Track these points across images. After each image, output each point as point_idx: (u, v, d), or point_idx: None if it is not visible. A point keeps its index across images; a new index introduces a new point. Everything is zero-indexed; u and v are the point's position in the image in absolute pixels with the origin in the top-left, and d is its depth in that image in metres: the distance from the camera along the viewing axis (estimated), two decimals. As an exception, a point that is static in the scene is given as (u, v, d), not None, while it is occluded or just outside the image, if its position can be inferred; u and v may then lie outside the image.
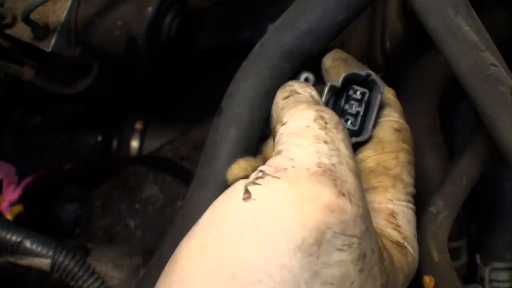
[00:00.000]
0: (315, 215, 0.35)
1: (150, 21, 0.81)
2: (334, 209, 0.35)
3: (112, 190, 1.17)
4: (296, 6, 0.56)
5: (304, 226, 0.34)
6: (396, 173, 0.51)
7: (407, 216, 0.51)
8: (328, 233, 0.35)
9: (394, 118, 0.53)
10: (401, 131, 0.53)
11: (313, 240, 0.34)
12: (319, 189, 0.36)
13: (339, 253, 0.35)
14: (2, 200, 1.01)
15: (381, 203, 0.50)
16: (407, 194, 0.51)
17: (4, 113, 1.15)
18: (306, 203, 0.35)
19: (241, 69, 0.57)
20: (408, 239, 0.49)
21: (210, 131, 0.57)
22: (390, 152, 0.51)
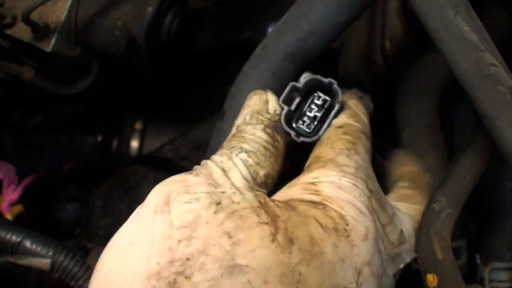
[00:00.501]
0: (162, 188, 0.46)
1: (150, 21, 0.81)
2: (176, 180, 0.46)
3: (112, 190, 1.17)
4: (297, 7, 0.56)
5: (156, 196, 0.45)
6: (328, 158, 0.51)
7: (338, 184, 0.48)
8: (173, 195, 0.44)
9: (340, 119, 0.55)
10: (343, 127, 0.54)
11: (162, 202, 0.44)
12: (171, 177, 0.47)
13: (188, 205, 0.43)
14: (2, 200, 1.01)
15: (302, 181, 0.50)
16: (341, 171, 0.50)
17: (4, 113, 1.15)
18: (159, 185, 0.47)
19: (243, 71, 0.57)
20: (330, 199, 0.47)
21: (213, 133, 0.57)
22: (325, 144, 0.53)
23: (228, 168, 0.47)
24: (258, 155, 0.49)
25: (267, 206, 0.44)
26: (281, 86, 0.55)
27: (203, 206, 0.43)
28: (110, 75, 0.92)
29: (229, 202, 0.44)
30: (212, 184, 0.45)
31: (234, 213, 0.42)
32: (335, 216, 0.46)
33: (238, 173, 0.47)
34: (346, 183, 0.49)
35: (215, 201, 0.43)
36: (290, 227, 0.43)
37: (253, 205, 0.44)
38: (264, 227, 0.42)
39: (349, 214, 0.46)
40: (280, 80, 0.56)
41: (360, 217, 0.47)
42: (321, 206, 0.46)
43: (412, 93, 0.82)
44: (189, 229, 0.41)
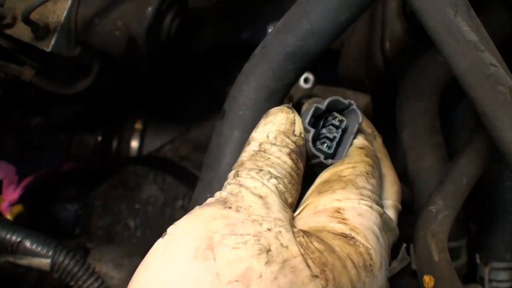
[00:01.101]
0: (200, 226, 0.40)
1: (150, 21, 0.81)
2: (216, 217, 0.41)
3: (112, 190, 1.17)
4: (298, 7, 0.56)
5: (194, 236, 0.40)
6: (350, 179, 0.51)
7: (359, 210, 0.49)
8: (217, 236, 0.40)
9: (359, 140, 0.55)
10: (364, 148, 0.54)
11: (205, 245, 0.39)
12: (205, 209, 0.42)
13: (235, 251, 0.39)
14: (2, 200, 1.01)
15: (327, 205, 0.49)
16: (360, 194, 0.50)
17: (4, 113, 1.15)
18: (193, 220, 0.41)
19: (243, 71, 0.57)
20: (357, 229, 0.47)
21: (214, 134, 0.57)
22: (348, 163, 0.52)
23: (265, 195, 0.45)
24: (285, 182, 0.47)
25: (310, 250, 0.43)
26: (281, 86, 0.55)
27: (253, 254, 0.39)
28: (110, 75, 0.92)
29: (278, 246, 0.41)
30: (256, 220, 0.42)
31: (285, 264, 0.40)
32: (363, 252, 0.46)
33: (276, 200, 0.45)
34: (364, 207, 0.49)
35: (265, 248, 0.40)
36: (337, 276, 0.43)
37: (300, 250, 0.42)
38: (316, 281, 0.41)
39: (371, 246, 0.47)
40: (280, 80, 0.55)
41: (377, 245, 0.48)
42: (352, 242, 0.46)
43: (412, 93, 0.82)
44: (242, 283, 0.38)
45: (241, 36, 1.18)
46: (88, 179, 1.21)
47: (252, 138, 0.50)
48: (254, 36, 1.16)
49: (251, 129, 0.54)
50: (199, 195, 0.57)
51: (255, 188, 0.45)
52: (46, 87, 0.87)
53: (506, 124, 0.48)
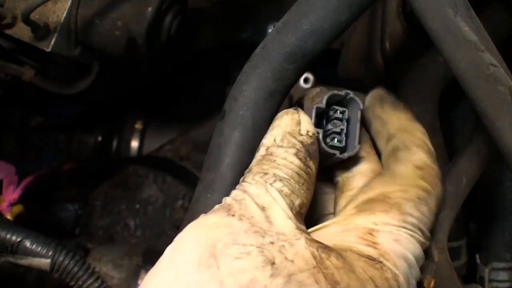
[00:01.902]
0: (204, 233, 0.40)
1: (150, 21, 0.81)
2: (220, 225, 0.41)
3: (112, 190, 1.17)
4: (298, 7, 0.56)
5: (198, 244, 0.39)
6: (396, 202, 0.48)
7: (396, 236, 0.46)
8: (219, 244, 0.39)
9: (418, 156, 0.52)
10: (423, 169, 0.51)
11: (208, 253, 0.38)
12: (210, 217, 0.42)
13: (239, 261, 0.38)
14: (2, 200, 1.01)
15: (359, 224, 0.47)
16: (403, 221, 0.47)
17: (4, 113, 1.15)
18: (198, 228, 0.41)
19: (243, 72, 0.57)
20: (387, 255, 0.45)
21: (214, 134, 0.57)
22: (399, 185, 0.50)
23: (268, 205, 0.44)
24: (292, 182, 0.46)
25: (323, 265, 0.41)
26: (281, 86, 0.55)
27: (257, 265, 0.38)
28: (110, 75, 0.92)
29: (282, 259, 0.40)
30: (258, 231, 0.41)
31: (291, 278, 0.39)
32: (390, 278, 0.44)
33: (279, 211, 0.44)
34: (404, 234, 0.47)
35: (269, 260, 0.39)
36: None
37: (309, 265, 0.40)
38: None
39: (401, 273, 0.45)
40: (280, 80, 0.55)
41: (407, 273, 0.46)
42: (379, 266, 0.44)
43: (412, 93, 0.82)
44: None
45: (241, 36, 1.18)
46: (88, 179, 1.21)
47: (262, 144, 0.50)
48: (254, 36, 1.16)
49: (251, 129, 0.54)
50: (199, 195, 0.57)
51: (258, 196, 0.44)
52: (46, 87, 0.87)
53: (506, 124, 0.48)
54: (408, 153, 0.53)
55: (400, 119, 0.57)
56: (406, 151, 0.53)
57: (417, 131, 0.56)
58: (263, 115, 0.55)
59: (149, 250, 1.03)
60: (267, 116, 0.56)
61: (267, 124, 0.56)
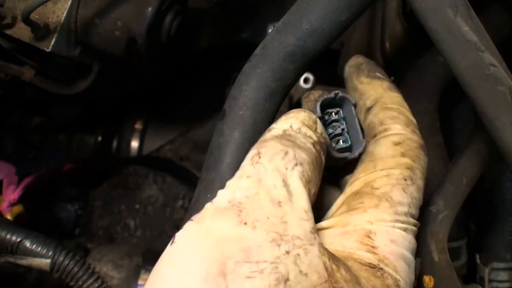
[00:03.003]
0: (213, 247, 0.36)
1: (150, 21, 0.81)
2: (232, 239, 0.37)
3: (112, 190, 1.17)
4: (298, 7, 0.56)
5: (205, 259, 0.36)
6: (383, 192, 0.46)
7: (392, 235, 0.45)
8: (230, 263, 0.35)
9: (394, 131, 0.50)
10: (402, 144, 0.49)
11: (216, 271, 0.35)
12: (219, 223, 0.38)
13: (250, 281, 0.35)
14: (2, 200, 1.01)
15: (357, 225, 0.45)
16: (395, 213, 0.46)
17: (4, 113, 1.15)
18: (206, 238, 0.37)
19: (243, 72, 0.57)
20: (386, 260, 0.44)
21: (214, 134, 0.57)
22: (381, 169, 0.48)
23: (284, 199, 0.40)
24: (312, 168, 0.43)
25: (334, 278, 0.39)
26: (281, 86, 0.55)
27: (269, 284, 0.36)
28: (110, 75, 0.92)
29: (297, 274, 0.37)
30: (274, 240, 0.37)
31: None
32: (391, 285, 0.43)
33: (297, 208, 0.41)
34: (398, 231, 0.46)
35: (283, 276, 0.36)
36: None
37: (321, 279, 0.38)
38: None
39: (401, 277, 0.45)
40: (280, 80, 0.55)
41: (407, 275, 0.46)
42: (380, 273, 0.43)
43: (412, 93, 0.82)
44: None
45: (241, 36, 1.18)
46: (88, 179, 1.21)
47: (272, 127, 0.47)
48: (254, 36, 1.16)
49: (251, 129, 0.54)
50: (199, 195, 0.57)
51: (274, 188, 0.40)
52: (46, 87, 0.87)
53: (506, 124, 0.48)
54: (384, 129, 0.51)
55: (376, 89, 0.54)
56: (382, 128, 0.51)
57: (392, 101, 0.53)
58: (263, 115, 0.55)
59: (149, 250, 1.03)
60: (267, 116, 0.56)
61: (267, 124, 0.56)
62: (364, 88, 0.55)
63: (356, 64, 0.57)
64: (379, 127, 0.51)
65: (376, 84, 0.55)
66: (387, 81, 0.56)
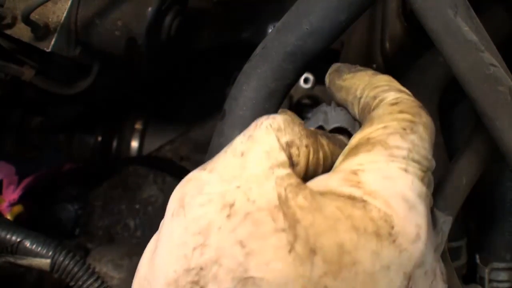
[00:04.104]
0: (178, 188, 0.44)
1: (150, 21, 0.81)
2: (190, 179, 0.43)
3: (112, 190, 1.17)
4: (298, 7, 0.56)
5: (173, 199, 0.44)
6: (378, 140, 0.43)
7: (386, 172, 0.42)
8: (187, 197, 0.42)
9: (390, 97, 0.48)
10: (399, 103, 0.47)
11: (178, 205, 0.42)
12: (188, 175, 0.44)
13: (201, 208, 0.41)
14: (2, 200, 1.01)
15: (344, 168, 0.43)
16: (390, 155, 0.42)
17: (4, 113, 1.15)
18: (177, 185, 0.44)
19: (243, 72, 0.57)
20: (374, 194, 0.40)
21: (214, 134, 0.57)
22: (378, 124, 0.45)
23: (247, 149, 0.42)
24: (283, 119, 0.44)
25: (287, 205, 0.39)
26: (281, 86, 0.55)
27: (216, 209, 0.40)
28: (110, 75, 0.92)
29: (244, 200, 0.39)
30: (226, 180, 0.41)
31: (247, 217, 0.39)
32: (377, 218, 0.39)
33: (257, 151, 0.42)
34: (395, 168, 0.42)
35: (229, 203, 0.40)
36: (313, 235, 0.38)
37: (270, 204, 0.39)
38: (280, 235, 0.37)
39: (396, 213, 0.40)
40: (280, 80, 0.56)
41: (410, 213, 0.41)
42: (361, 204, 0.40)
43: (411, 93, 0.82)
44: (202, 236, 0.39)
45: (241, 36, 1.18)
46: (88, 179, 1.21)
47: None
48: (254, 36, 1.16)
49: None
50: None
51: (241, 143, 0.43)
52: (46, 87, 0.87)
53: (507, 125, 0.48)
54: (379, 101, 0.49)
55: (361, 79, 0.52)
56: (375, 101, 0.49)
57: (380, 81, 0.51)
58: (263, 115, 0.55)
59: (149, 250, 1.02)
60: (267, 116, 0.56)
61: None
62: (349, 82, 0.53)
63: (334, 70, 0.56)
64: (372, 101, 0.49)
65: (360, 75, 0.53)
66: (369, 70, 0.53)
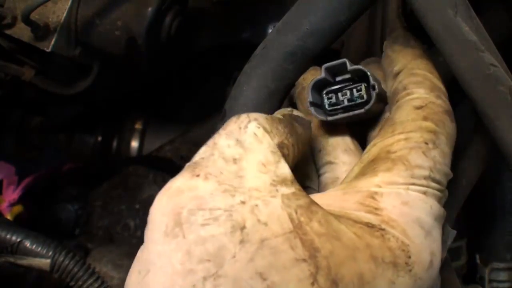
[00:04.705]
0: (168, 200, 0.37)
1: (150, 21, 0.81)
2: (183, 190, 0.37)
3: (112, 190, 1.17)
4: (298, 7, 0.56)
5: (164, 213, 0.37)
6: (399, 156, 0.42)
7: (405, 197, 0.40)
8: (184, 212, 0.36)
9: (416, 95, 0.47)
10: (424, 107, 0.45)
11: (173, 222, 0.36)
12: (174, 180, 0.39)
13: (205, 228, 0.35)
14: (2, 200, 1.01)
15: (362, 188, 0.42)
16: (411, 177, 0.41)
17: (4, 113, 1.15)
18: (163, 195, 0.38)
19: (243, 72, 0.57)
20: (393, 222, 0.39)
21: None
22: (400, 133, 0.44)
23: (239, 156, 0.39)
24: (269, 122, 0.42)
25: (303, 231, 0.36)
26: (281, 86, 0.55)
27: (225, 231, 0.35)
28: (110, 75, 0.92)
29: (254, 222, 0.36)
30: (228, 190, 0.37)
31: (264, 244, 0.35)
32: (395, 248, 0.39)
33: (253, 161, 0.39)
34: (414, 193, 0.41)
35: (239, 224, 0.35)
36: (334, 265, 0.36)
37: (285, 229, 0.36)
38: (301, 266, 0.35)
39: (413, 242, 0.39)
40: (280, 80, 0.56)
41: (426, 240, 0.40)
42: (379, 233, 0.39)
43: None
44: (213, 264, 0.34)
45: (241, 36, 1.18)
46: (88, 179, 1.21)
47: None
48: (254, 36, 1.16)
49: None
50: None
51: (228, 147, 0.39)
52: (46, 87, 0.87)
53: (507, 125, 0.48)
54: (406, 94, 0.48)
55: (405, 57, 0.51)
56: (404, 93, 0.48)
57: (419, 67, 0.50)
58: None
59: (149, 250, 1.02)
60: (267, 116, 0.56)
61: None
62: (395, 55, 0.52)
63: (395, 35, 0.54)
64: (401, 92, 0.48)
65: (407, 52, 0.52)
66: (419, 49, 0.52)
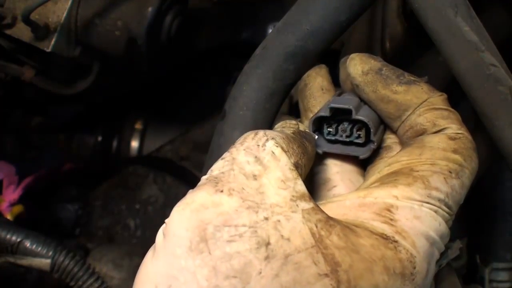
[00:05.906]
0: (192, 215, 0.38)
1: (150, 21, 0.81)
2: (208, 205, 0.38)
3: (112, 190, 1.17)
4: (298, 7, 0.56)
5: (188, 228, 0.37)
6: (421, 175, 0.43)
7: (418, 212, 0.42)
8: (210, 228, 0.37)
9: (451, 130, 0.47)
10: (457, 140, 0.46)
11: (198, 238, 0.37)
12: (196, 194, 0.39)
13: (231, 245, 0.36)
14: (2, 200, 1.01)
15: (378, 198, 0.43)
16: (427, 196, 0.43)
17: (4, 113, 1.15)
18: (185, 209, 0.38)
19: (243, 72, 0.57)
20: (405, 233, 0.41)
21: (214, 134, 0.57)
22: (427, 158, 0.45)
23: (259, 172, 0.40)
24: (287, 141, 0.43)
25: (323, 245, 0.38)
26: (282, 86, 0.55)
27: (251, 248, 0.36)
28: (110, 75, 0.92)
29: (278, 238, 0.37)
30: (251, 207, 0.38)
31: (288, 260, 0.37)
32: (404, 259, 0.40)
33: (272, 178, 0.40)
34: (427, 210, 0.43)
35: (264, 240, 0.37)
36: (353, 278, 0.38)
37: (307, 244, 0.38)
38: (324, 281, 0.37)
39: (419, 254, 0.41)
40: (280, 81, 0.56)
41: (427, 251, 0.42)
42: (393, 245, 0.40)
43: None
44: (240, 280, 0.36)
45: (241, 36, 1.18)
46: (88, 179, 1.21)
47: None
48: (254, 36, 1.16)
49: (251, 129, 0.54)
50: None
51: (247, 163, 0.40)
52: (46, 87, 0.87)
53: (507, 125, 0.48)
54: (437, 126, 0.47)
55: (419, 96, 0.49)
56: (434, 128, 0.48)
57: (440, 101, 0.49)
58: (264, 116, 0.55)
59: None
60: (267, 116, 0.56)
61: (267, 124, 0.56)
62: (402, 97, 0.49)
63: (372, 70, 0.51)
64: (430, 126, 0.48)
65: (416, 90, 0.49)
66: (424, 84, 0.50)
